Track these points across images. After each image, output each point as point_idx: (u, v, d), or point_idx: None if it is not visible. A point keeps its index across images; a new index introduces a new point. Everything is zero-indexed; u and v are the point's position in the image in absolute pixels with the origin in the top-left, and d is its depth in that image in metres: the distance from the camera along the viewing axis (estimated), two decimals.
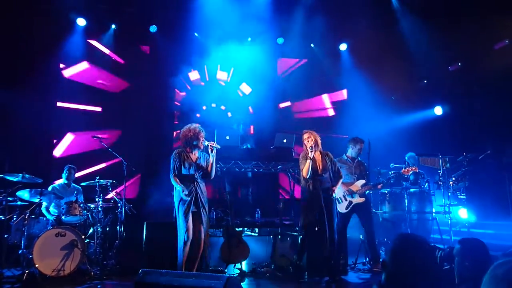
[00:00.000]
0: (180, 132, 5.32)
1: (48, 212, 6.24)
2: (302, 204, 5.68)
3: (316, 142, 5.53)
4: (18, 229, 5.60)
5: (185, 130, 5.22)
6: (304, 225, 5.54)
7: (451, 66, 9.17)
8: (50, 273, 5.27)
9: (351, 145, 6.39)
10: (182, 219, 4.95)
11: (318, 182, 5.47)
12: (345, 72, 10.00)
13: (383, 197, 7.20)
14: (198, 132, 5.17)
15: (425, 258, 1.83)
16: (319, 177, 5.50)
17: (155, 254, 5.64)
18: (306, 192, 5.55)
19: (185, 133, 5.19)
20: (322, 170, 5.52)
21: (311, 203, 5.46)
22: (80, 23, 8.73)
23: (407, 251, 1.85)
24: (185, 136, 5.17)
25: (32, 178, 5.65)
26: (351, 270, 6.16)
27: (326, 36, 9.24)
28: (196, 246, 5.06)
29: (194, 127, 5.22)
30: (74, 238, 5.47)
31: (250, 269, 6.09)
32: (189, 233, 4.94)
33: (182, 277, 3.36)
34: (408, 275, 1.79)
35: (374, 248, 6.21)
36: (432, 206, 7.14)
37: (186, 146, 5.19)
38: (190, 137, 5.14)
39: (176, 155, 5.13)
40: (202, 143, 5.19)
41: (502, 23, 7.56)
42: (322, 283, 5.47)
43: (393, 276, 1.84)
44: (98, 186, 6.13)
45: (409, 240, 1.91)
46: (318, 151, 5.58)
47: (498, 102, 8.06)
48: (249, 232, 6.90)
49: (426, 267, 1.81)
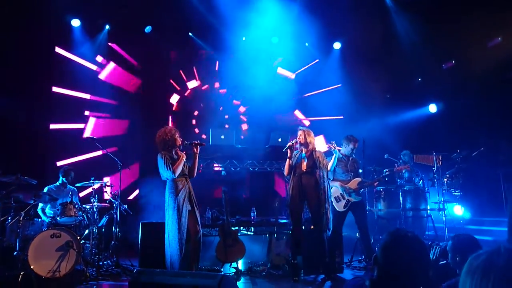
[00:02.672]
0: (156, 136, 5.17)
1: (43, 213, 6.24)
2: (288, 203, 5.71)
3: (305, 141, 5.56)
4: (12, 230, 5.59)
5: (160, 134, 5.15)
6: (291, 223, 5.60)
7: (445, 64, 9.22)
8: (45, 275, 5.25)
9: (344, 143, 6.40)
10: (176, 219, 4.89)
11: (302, 179, 5.51)
12: (339, 71, 10.01)
13: (378, 195, 7.24)
14: (174, 133, 5.16)
15: (416, 253, 1.84)
16: (307, 175, 5.53)
17: (150, 254, 5.65)
18: (291, 190, 5.58)
19: (162, 137, 5.11)
20: (307, 167, 5.54)
21: (295, 201, 5.51)
22: (75, 24, 8.73)
23: (398, 246, 1.87)
24: (163, 140, 5.10)
25: (27, 179, 5.63)
26: (346, 267, 6.21)
27: (320, 35, 9.23)
28: (193, 246, 5.03)
29: (169, 129, 5.23)
30: (69, 239, 5.45)
31: (246, 268, 6.10)
32: (185, 232, 4.92)
33: (177, 276, 3.36)
34: (399, 270, 1.81)
35: (369, 246, 6.24)
36: (427, 203, 7.19)
37: (164, 149, 5.10)
38: (168, 139, 5.09)
39: (164, 155, 5.02)
40: (180, 143, 5.17)
41: (496, 21, 7.60)
42: (317, 281, 5.50)
43: (384, 271, 1.85)
44: (93, 187, 6.14)
45: (400, 235, 1.92)
46: (309, 150, 5.59)
47: (491, 99, 8.11)
48: (244, 231, 6.91)
49: (417, 262, 1.83)
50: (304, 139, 5.59)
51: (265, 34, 9.50)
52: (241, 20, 8.36)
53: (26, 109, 7.71)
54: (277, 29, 9.26)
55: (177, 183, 5.00)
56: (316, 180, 5.46)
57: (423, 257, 1.86)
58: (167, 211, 4.99)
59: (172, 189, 5.00)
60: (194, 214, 5.07)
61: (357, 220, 6.31)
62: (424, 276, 1.82)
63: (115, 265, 6.06)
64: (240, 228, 6.60)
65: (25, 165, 6.90)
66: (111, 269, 5.95)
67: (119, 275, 5.78)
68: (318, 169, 5.51)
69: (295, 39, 9.51)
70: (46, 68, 8.41)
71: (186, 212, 4.96)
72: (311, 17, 8.53)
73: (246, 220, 6.83)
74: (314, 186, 5.45)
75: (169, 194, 5.00)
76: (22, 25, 7.83)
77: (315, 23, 8.61)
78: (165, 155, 5.02)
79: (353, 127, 7.80)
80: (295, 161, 5.62)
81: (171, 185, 5.03)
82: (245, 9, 8.18)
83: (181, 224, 4.89)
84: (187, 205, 4.99)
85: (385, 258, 1.87)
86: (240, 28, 8.74)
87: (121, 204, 6.33)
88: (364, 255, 6.36)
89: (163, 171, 4.99)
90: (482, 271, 1.19)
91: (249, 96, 9.71)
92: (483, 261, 1.22)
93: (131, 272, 5.75)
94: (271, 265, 6.02)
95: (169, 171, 4.93)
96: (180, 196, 4.95)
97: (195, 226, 5.06)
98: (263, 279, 5.70)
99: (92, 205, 6.07)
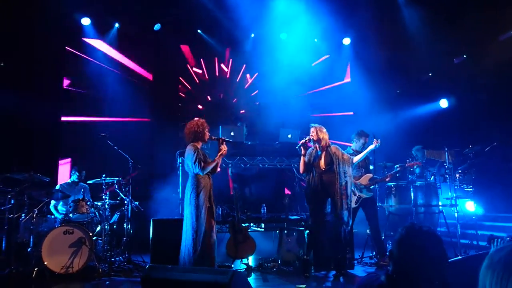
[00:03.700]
0: (186, 127, 5.17)
1: (56, 210, 6.31)
2: (306, 201, 5.70)
3: (318, 138, 5.53)
4: (26, 227, 5.66)
5: (192, 125, 5.12)
6: (311, 221, 5.60)
7: (456, 58, 9.10)
8: (59, 270, 5.33)
9: (355, 139, 6.37)
10: (195, 215, 4.85)
11: (322, 177, 5.49)
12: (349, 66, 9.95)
13: (389, 191, 7.18)
14: (205, 127, 5.14)
15: (431, 247, 1.82)
16: (327, 173, 5.51)
17: (161, 251, 5.67)
18: (311, 189, 5.56)
19: (193, 129, 5.09)
20: (325, 165, 5.52)
21: (316, 200, 5.51)
22: (85, 23, 8.80)
23: (414, 240, 1.85)
24: (194, 131, 5.07)
25: (39, 176, 5.70)
26: (357, 264, 6.19)
27: (330, 30, 9.18)
28: (209, 241, 4.99)
29: (201, 122, 5.16)
30: (82, 235, 5.51)
31: (257, 264, 6.11)
32: (203, 228, 4.89)
33: (188, 272, 3.37)
34: (415, 264, 1.79)
35: (380, 242, 6.21)
36: (438, 199, 7.12)
37: (194, 141, 5.07)
38: (199, 132, 5.07)
39: (197, 148, 4.99)
40: (208, 138, 5.17)
41: (507, 14, 7.49)
42: (329, 277, 5.49)
43: (400, 266, 1.84)
44: (105, 184, 6.19)
45: (415, 229, 1.91)
46: (323, 146, 5.56)
47: (504, 93, 8.00)
48: (255, 228, 6.91)
49: (433, 256, 1.81)
50: (316, 136, 5.54)
51: (274, 30, 9.52)
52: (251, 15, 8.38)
53: (38, 105, 7.77)
54: (286, 24, 9.22)
55: (200, 180, 4.97)
56: (336, 177, 5.43)
57: (439, 251, 1.84)
58: (188, 206, 4.95)
59: (194, 185, 4.95)
60: (212, 211, 5.06)
61: (367, 216, 6.29)
62: (440, 270, 1.80)
63: (127, 261, 6.11)
64: (250, 224, 6.60)
65: (38, 162, 6.99)
66: (123, 265, 6.00)
67: (131, 271, 5.83)
68: (336, 165, 5.46)
69: (304, 35, 9.48)
70: (58, 65, 8.46)
71: (205, 208, 4.94)
72: (320, 12, 8.49)
73: (257, 216, 6.83)
74: (334, 183, 5.42)
75: (191, 190, 4.95)
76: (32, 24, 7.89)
77: (324, 18, 8.58)
78: (198, 150, 4.98)
79: (363, 123, 7.75)
80: (312, 160, 5.59)
81: (194, 181, 4.97)
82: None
83: (200, 220, 4.87)
84: (207, 202, 4.97)
85: (400, 252, 1.86)
86: (249, 23, 8.75)
87: (132, 201, 6.37)
88: (375, 251, 6.33)
89: (192, 165, 4.92)
90: (504, 266, 1.13)
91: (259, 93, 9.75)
92: (505, 255, 1.15)
93: (142, 268, 5.80)
94: (281, 262, 6.01)
95: (199, 167, 4.87)
96: (202, 193, 4.93)
97: (212, 223, 5.05)
98: (274, 275, 5.70)
99: (103, 202, 6.12)
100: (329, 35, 9.63)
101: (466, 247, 6.48)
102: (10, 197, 5.55)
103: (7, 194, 5.56)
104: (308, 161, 5.59)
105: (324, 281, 5.42)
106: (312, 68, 10.12)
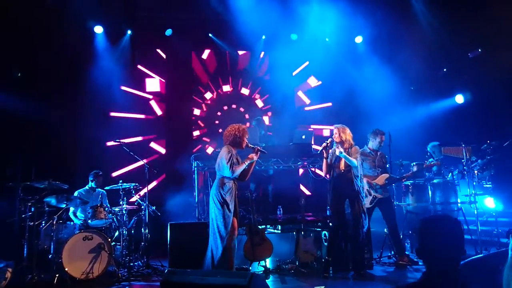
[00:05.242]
0: (226, 129, 5.28)
1: (75, 216, 6.40)
2: (330, 204, 5.69)
3: (341, 139, 5.49)
4: (47, 234, 5.76)
5: (233, 129, 5.23)
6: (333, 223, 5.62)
7: (471, 53, 8.95)
8: (79, 276, 5.41)
9: (371, 137, 6.32)
10: (221, 216, 4.96)
11: (341, 178, 5.47)
12: (362, 64, 9.85)
13: (406, 189, 7.10)
14: (244, 134, 5.24)
15: (452, 229, 1.94)
16: (345, 175, 5.47)
17: (180, 254, 5.71)
18: (331, 190, 5.54)
19: (233, 132, 5.20)
20: (345, 167, 5.48)
21: (336, 202, 5.50)
22: (97, 31, 8.91)
23: (435, 223, 2.01)
24: (234, 135, 5.19)
25: (58, 184, 5.79)
26: (376, 264, 6.13)
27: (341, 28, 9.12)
28: (232, 243, 5.11)
29: (243, 127, 5.29)
30: (101, 241, 5.58)
31: (274, 266, 6.10)
32: (229, 228, 5.00)
33: (207, 275, 3.39)
34: (436, 247, 1.91)
35: (398, 241, 6.15)
36: (457, 196, 7.01)
37: (232, 145, 5.19)
38: (239, 137, 5.18)
39: (232, 152, 5.12)
40: (245, 145, 5.25)
41: None
42: (347, 278, 5.45)
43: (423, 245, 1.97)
44: (122, 190, 6.25)
45: (436, 216, 2.07)
46: (346, 148, 5.50)
47: None
48: (271, 229, 6.90)
49: (454, 238, 1.92)
50: (339, 137, 5.51)
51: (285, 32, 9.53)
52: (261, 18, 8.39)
53: (57, 114, 7.89)
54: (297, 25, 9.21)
55: (227, 183, 5.09)
56: (352, 179, 5.42)
57: (460, 233, 1.96)
58: (214, 207, 5.05)
59: (220, 187, 5.07)
60: (236, 214, 5.16)
61: (384, 216, 6.23)
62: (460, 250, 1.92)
63: (145, 266, 6.16)
64: (267, 226, 6.60)
65: (56, 169, 7.08)
66: (142, 270, 6.06)
67: (150, 275, 5.89)
68: (353, 167, 5.46)
69: (315, 35, 9.45)
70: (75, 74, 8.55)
71: (231, 210, 5.03)
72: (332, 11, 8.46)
73: (273, 218, 6.82)
74: (351, 185, 5.42)
75: (217, 191, 5.08)
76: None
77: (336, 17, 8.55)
78: (233, 153, 5.11)
79: (377, 121, 7.67)
80: (334, 160, 5.57)
81: (221, 182, 5.10)
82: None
83: (227, 221, 4.98)
84: (232, 204, 5.06)
85: (423, 237, 1.99)
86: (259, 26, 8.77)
87: (149, 205, 6.43)
88: (393, 251, 6.27)
89: (224, 166, 5.05)
90: None
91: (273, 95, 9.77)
92: None
93: (161, 272, 5.86)
94: (299, 263, 6.00)
95: (230, 169, 5.01)
96: (227, 194, 5.04)
97: (235, 225, 5.15)
98: (292, 276, 5.69)
99: (121, 207, 6.18)
100: (340, 34, 9.56)
101: (486, 244, 6.37)
102: (30, 205, 5.65)
103: (27, 202, 5.67)
104: (330, 162, 5.57)
105: (344, 281, 5.39)
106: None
